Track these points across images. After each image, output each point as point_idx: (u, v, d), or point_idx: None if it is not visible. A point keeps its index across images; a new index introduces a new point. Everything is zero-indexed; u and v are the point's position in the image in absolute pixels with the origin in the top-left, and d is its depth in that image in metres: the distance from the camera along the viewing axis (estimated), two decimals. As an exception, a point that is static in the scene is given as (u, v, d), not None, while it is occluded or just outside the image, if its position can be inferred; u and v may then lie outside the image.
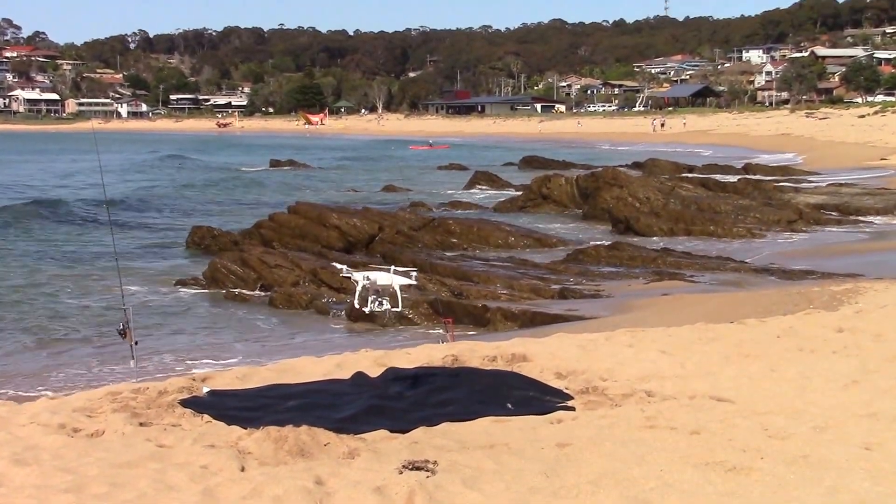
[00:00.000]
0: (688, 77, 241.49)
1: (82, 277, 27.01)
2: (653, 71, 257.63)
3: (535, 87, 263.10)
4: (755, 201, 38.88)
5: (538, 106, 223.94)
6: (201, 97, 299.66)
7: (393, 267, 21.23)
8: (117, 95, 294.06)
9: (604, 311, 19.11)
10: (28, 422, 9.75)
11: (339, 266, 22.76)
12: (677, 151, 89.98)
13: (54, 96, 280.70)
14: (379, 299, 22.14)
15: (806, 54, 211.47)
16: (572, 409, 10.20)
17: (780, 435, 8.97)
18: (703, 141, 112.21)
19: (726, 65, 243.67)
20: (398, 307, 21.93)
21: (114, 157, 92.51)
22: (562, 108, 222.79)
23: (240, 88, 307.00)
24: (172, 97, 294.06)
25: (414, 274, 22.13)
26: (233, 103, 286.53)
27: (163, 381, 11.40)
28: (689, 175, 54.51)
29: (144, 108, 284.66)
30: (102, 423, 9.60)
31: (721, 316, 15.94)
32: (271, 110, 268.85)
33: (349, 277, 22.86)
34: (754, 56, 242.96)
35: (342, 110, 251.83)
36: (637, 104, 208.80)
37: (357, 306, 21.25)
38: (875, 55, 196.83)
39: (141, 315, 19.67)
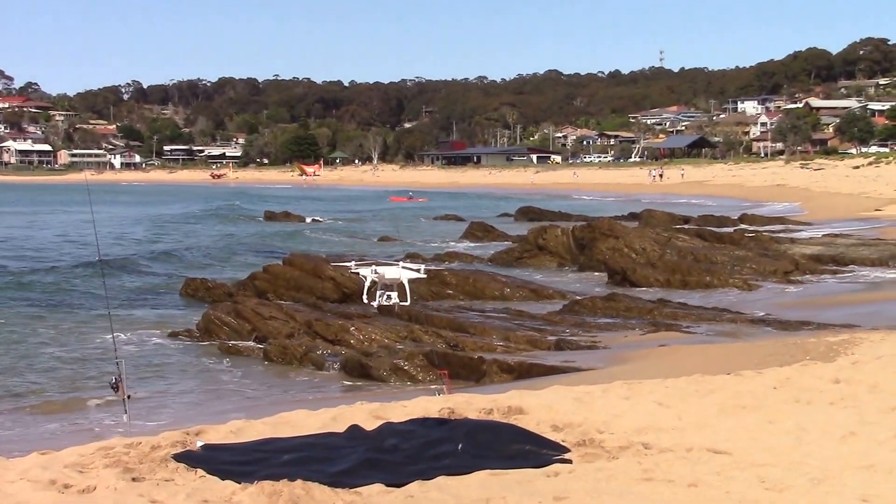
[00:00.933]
0: (683, 128, 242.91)
1: (75, 327, 26.93)
2: (648, 122, 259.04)
3: (531, 138, 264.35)
4: (751, 252, 38.86)
5: (534, 157, 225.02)
6: (195, 148, 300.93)
7: (401, 262, 21.22)
8: (110, 146, 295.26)
9: (600, 362, 19.05)
10: (17, 478, 9.65)
11: (346, 263, 22.75)
12: (673, 202, 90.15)
13: (46, 147, 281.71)
14: (388, 293, 22.06)
15: (800, 105, 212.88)
16: (569, 461, 10.14)
17: (778, 487, 8.92)
18: (698, 192, 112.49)
19: (721, 116, 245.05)
20: (407, 301, 21.84)
21: (107, 210, 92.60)
22: (557, 158, 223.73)
23: (234, 139, 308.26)
24: (166, 148, 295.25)
25: (422, 267, 22.00)
26: (227, 154, 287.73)
27: (156, 436, 11.32)
28: (686, 226, 54.54)
29: (138, 159, 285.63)
30: (94, 478, 9.51)
31: (718, 367, 15.89)
32: (266, 161, 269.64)
33: (357, 273, 22.79)
34: (749, 107, 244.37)
35: (337, 161, 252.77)
36: (633, 155, 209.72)
37: (365, 301, 21.15)
38: (869, 106, 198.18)
39: (134, 368, 19.58)
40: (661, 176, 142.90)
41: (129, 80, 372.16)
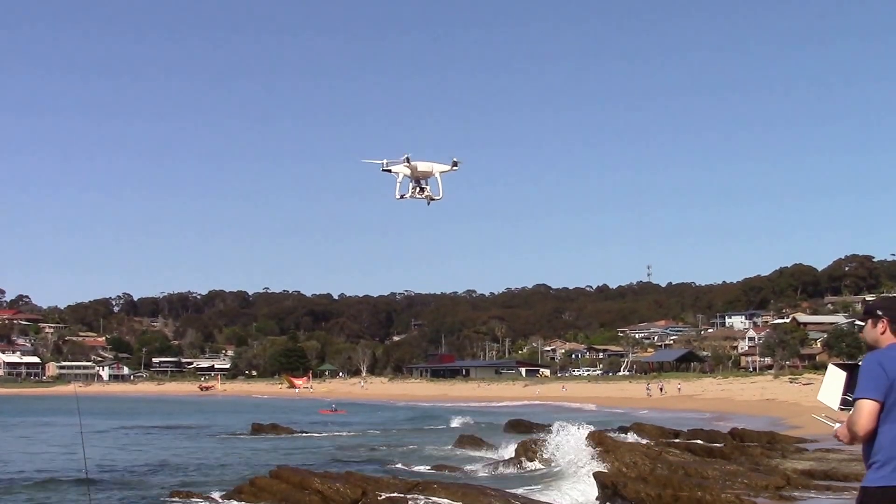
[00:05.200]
0: (671, 342, 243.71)
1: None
2: (637, 336, 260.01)
3: (520, 352, 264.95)
4: (742, 466, 38.55)
5: (523, 370, 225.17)
6: (184, 360, 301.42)
7: (433, 161, 20.85)
8: (99, 358, 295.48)
9: (591, 578, 18.70)
10: None
11: (377, 161, 22.45)
12: (662, 416, 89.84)
13: (35, 359, 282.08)
14: (420, 186, 21.54)
15: (787, 321, 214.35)
16: None
17: None
18: (688, 406, 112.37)
19: (709, 330, 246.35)
20: (440, 195, 21.34)
21: (95, 422, 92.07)
22: (546, 372, 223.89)
23: (223, 351, 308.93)
24: (155, 360, 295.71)
25: (456, 159, 21.60)
26: (216, 366, 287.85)
27: None
28: (676, 440, 54.21)
29: (126, 371, 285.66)
30: None
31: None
32: (254, 373, 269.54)
33: (389, 171, 22.38)
34: (737, 322, 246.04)
35: (326, 374, 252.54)
36: (622, 369, 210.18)
37: (397, 197, 20.72)
38: (856, 322, 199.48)
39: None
40: (661, 389, 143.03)
41: (120, 292, 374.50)
